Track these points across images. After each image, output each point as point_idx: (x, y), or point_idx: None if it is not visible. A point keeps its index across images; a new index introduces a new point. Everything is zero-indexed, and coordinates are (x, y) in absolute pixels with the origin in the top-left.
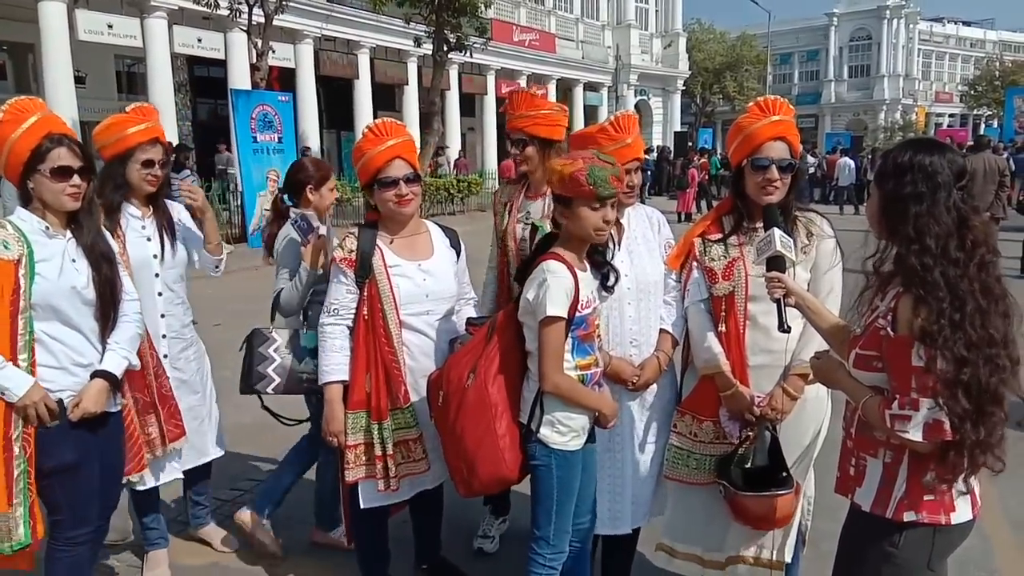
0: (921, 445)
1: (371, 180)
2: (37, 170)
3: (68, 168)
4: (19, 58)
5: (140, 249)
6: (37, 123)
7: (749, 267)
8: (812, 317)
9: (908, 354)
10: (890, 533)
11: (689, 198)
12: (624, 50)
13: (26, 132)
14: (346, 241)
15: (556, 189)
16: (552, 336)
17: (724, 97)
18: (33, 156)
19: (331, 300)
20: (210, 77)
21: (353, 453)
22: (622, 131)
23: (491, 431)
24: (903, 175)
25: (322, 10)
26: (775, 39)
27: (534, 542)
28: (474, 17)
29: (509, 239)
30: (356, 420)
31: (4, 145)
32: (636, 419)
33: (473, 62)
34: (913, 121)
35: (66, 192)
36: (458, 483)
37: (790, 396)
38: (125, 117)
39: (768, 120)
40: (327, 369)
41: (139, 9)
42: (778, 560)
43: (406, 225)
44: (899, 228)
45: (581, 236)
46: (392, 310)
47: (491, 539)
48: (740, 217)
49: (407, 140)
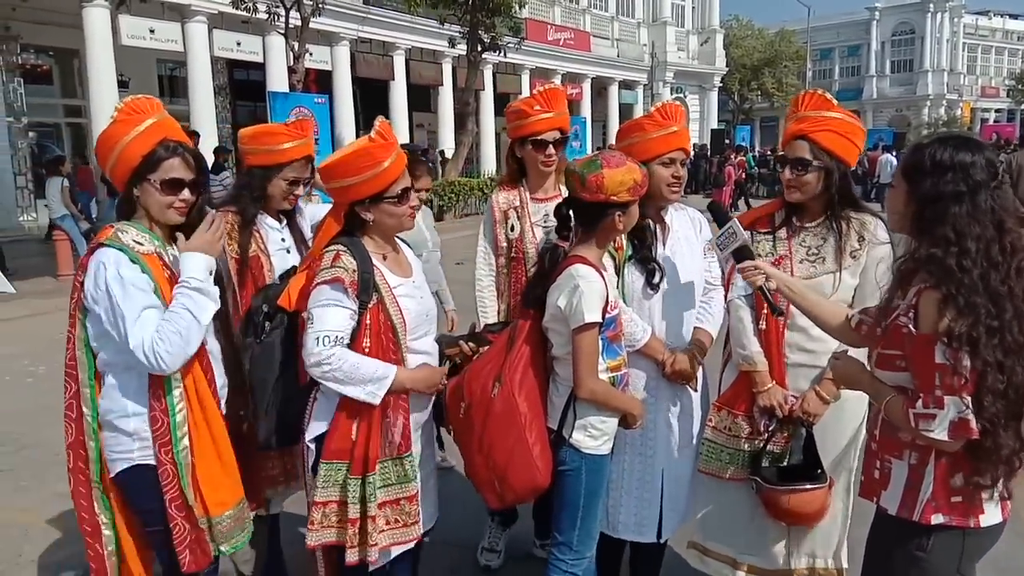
0: (947, 444)
1: (382, 192)
2: (147, 179)
3: (180, 181)
4: (65, 63)
5: (282, 261)
6: (152, 127)
7: (795, 266)
8: (798, 301)
9: (931, 352)
10: (918, 537)
11: (726, 196)
12: (660, 47)
13: (140, 136)
14: (341, 258)
15: (623, 197)
16: (587, 342)
17: (762, 94)
18: (144, 163)
19: (330, 328)
20: (249, 80)
21: (320, 512)
22: (669, 119)
23: (522, 440)
24: (943, 173)
25: (358, 12)
26: (815, 34)
27: (556, 547)
28: (508, 17)
29: (528, 246)
30: (330, 472)
31: (115, 147)
32: (672, 422)
33: (507, 62)
34: (958, 117)
35: (174, 206)
36: (488, 496)
37: (823, 400)
38: (281, 129)
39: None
40: (375, 375)
41: (180, 14)
42: (836, 568)
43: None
44: (936, 228)
45: (625, 232)
46: (404, 337)
47: (497, 553)
48: (790, 213)
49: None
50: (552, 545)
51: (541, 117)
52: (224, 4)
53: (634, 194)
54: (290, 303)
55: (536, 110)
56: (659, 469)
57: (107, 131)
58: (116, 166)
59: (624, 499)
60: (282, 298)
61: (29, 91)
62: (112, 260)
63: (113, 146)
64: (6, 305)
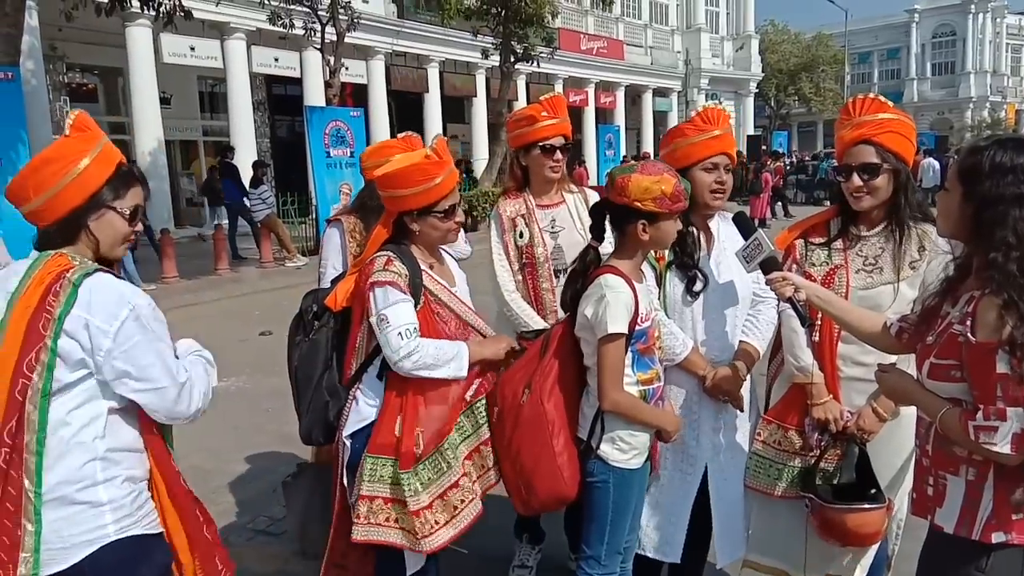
0: (1011, 458)
1: (431, 205)
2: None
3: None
4: (109, 82)
5: None
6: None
7: (851, 277)
8: (831, 311)
9: (992, 361)
10: (976, 556)
11: (763, 203)
12: (694, 54)
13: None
14: (393, 264)
15: (648, 206)
16: (612, 353)
17: (800, 99)
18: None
19: (406, 322)
20: (287, 95)
21: (367, 506)
22: (710, 123)
23: (548, 448)
24: (1003, 176)
25: (392, 26)
26: (853, 38)
27: (583, 561)
28: (541, 27)
29: (538, 251)
30: (375, 467)
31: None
32: (717, 441)
33: (541, 72)
34: (1003, 119)
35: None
36: (516, 501)
37: (880, 417)
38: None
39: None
40: (455, 354)
41: (219, 31)
42: None
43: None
44: (995, 232)
45: (660, 248)
46: (475, 323)
47: (529, 569)
48: (847, 221)
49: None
50: (580, 559)
51: (549, 123)
52: (262, 21)
53: (660, 205)
54: (336, 304)
55: (544, 116)
56: (694, 488)
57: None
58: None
59: (654, 514)
60: (329, 298)
61: (75, 109)
62: None
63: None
64: None
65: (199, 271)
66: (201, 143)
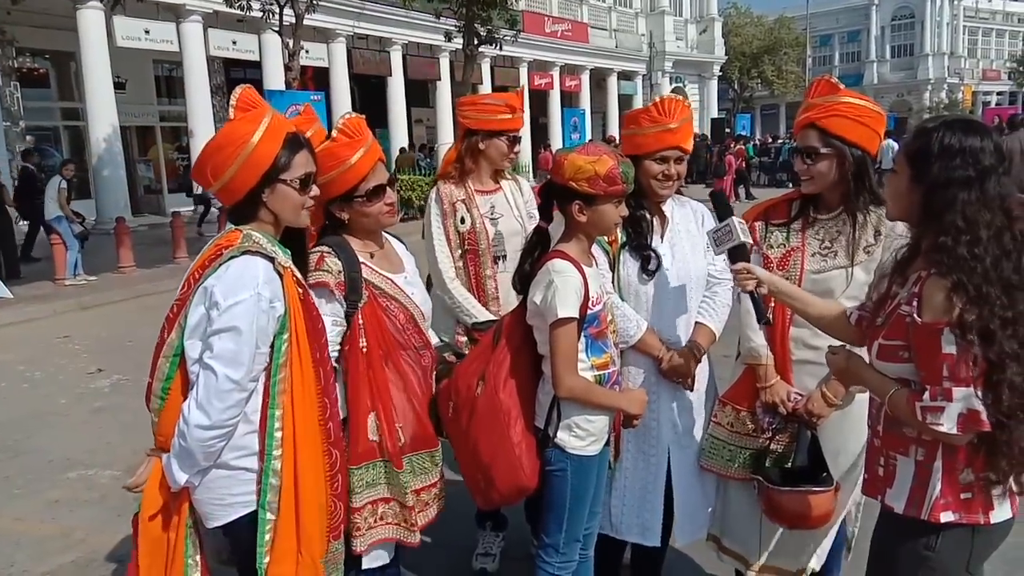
0: (956, 438)
1: (352, 190)
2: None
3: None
4: (61, 66)
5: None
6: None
7: (807, 260)
8: (794, 304)
9: (938, 341)
10: (925, 535)
11: (727, 186)
12: (658, 37)
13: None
14: (325, 261)
15: (583, 186)
16: (564, 338)
17: (763, 82)
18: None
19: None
20: (246, 79)
21: (363, 517)
22: (664, 115)
23: (506, 439)
24: (952, 158)
25: (353, 8)
26: (814, 21)
27: (542, 550)
28: (504, 9)
29: (481, 239)
30: (363, 476)
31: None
32: (676, 421)
33: (505, 55)
34: (960, 100)
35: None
36: (476, 495)
37: (828, 401)
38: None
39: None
40: None
41: (175, 14)
42: (797, 568)
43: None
44: (944, 215)
45: (599, 232)
46: (424, 324)
47: (493, 556)
48: (806, 204)
49: (373, 139)
50: (539, 547)
51: (515, 116)
52: (219, 3)
53: (594, 186)
54: None
55: (510, 107)
56: (662, 470)
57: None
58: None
59: (628, 500)
60: None
61: (26, 95)
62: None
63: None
64: (2, 310)
65: (157, 260)
66: (158, 129)
